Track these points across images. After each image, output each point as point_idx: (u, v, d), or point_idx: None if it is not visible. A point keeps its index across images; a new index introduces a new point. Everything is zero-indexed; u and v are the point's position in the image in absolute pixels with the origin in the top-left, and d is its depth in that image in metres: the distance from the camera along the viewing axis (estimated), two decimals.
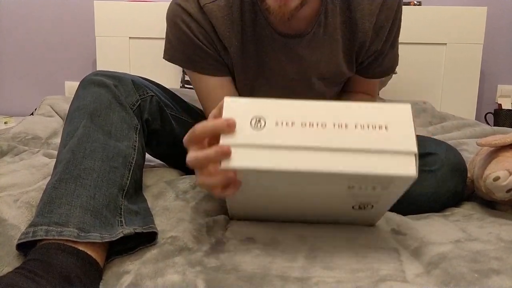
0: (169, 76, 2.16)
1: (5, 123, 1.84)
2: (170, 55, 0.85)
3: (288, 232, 0.63)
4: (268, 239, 0.61)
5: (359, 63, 0.87)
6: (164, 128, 0.83)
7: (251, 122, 0.51)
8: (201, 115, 0.93)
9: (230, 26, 0.81)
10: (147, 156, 0.82)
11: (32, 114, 1.61)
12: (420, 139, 0.83)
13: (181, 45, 0.82)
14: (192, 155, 0.53)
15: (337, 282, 0.50)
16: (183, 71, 2.04)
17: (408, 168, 0.47)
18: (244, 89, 0.89)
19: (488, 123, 2.02)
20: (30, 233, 0.53)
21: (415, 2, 1.94)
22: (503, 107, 2.00)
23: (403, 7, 0.84)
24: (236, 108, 0.52)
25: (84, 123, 0.65)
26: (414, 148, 0.48)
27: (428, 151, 0.77)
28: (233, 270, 0.53)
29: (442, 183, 0.74)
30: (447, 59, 1.97)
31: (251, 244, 0.60)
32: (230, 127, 0.51)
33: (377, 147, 0.48)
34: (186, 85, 2.02)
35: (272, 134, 0.50)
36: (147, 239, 0.60)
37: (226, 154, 0.50)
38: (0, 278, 0.45)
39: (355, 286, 0.49)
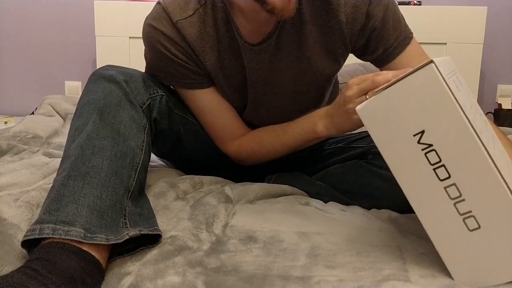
0: None
1: (5, 122, 1.83)
2: (153, 75, 0.83)
3: (288, 229, 0.63)
4: (268, 238, 0.61)
5: (372, 50, 0.81)
6: (171, 128, 0.83)
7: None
8: None
9: (205, 41, 0.79)
10: None
11: (32, 113, 1.61)
12: None
13: (162, 65, 0.81)
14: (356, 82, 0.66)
15: (339, 281, 0.50)
16: None
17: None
18: (240, 106, 0.88)
19: None
20: (36, 230, 0.52)
21: (415, 2, 1.94)
22: (503, 107, 1.99)
23: (403, 7, 0.82)
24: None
25: (93, 119, 0.64)
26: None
27: None
28: (234, 271, 0.53)
29: None
30: None
31: (252, 244, 0.60)
32: None
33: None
34: None
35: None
36: (149, 240, 0.60)
37: None
38: (5, 276, 0.45)
39: (357, 285, 0.49)
